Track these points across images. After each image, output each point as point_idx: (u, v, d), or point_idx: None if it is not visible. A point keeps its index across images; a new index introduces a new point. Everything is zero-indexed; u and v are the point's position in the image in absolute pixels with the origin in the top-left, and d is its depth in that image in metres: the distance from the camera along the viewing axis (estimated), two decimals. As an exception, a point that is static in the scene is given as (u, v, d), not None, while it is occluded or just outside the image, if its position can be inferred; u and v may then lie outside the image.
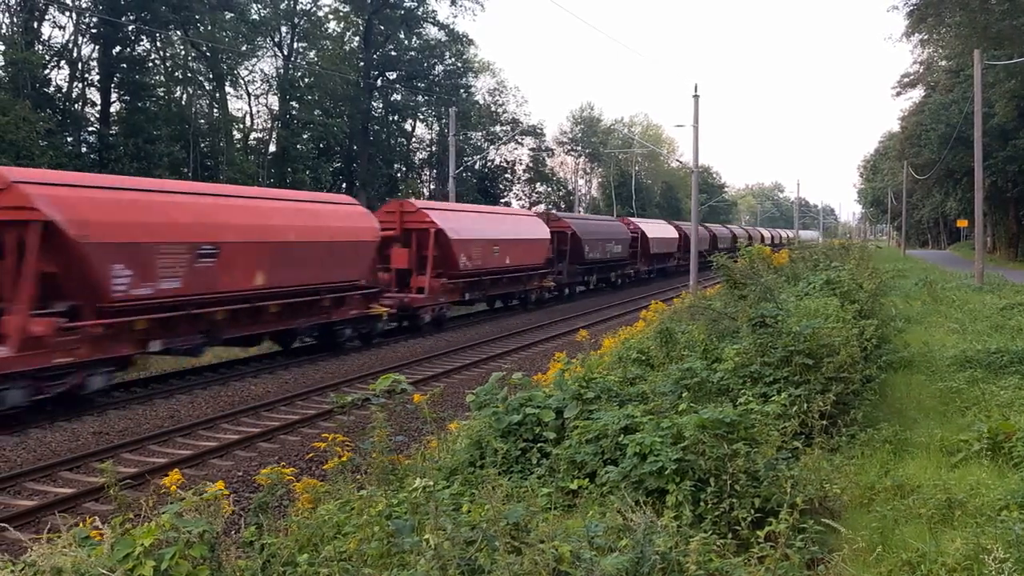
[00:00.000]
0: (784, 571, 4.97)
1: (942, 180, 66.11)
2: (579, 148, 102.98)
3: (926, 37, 54.78)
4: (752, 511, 5.91)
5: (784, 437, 7.56)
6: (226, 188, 22.75)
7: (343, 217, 23.03)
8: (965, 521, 6.48)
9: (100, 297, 15.24)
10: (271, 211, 20.25)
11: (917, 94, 70.92)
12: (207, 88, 53.85)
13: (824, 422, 8.60)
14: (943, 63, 59.55)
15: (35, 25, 43.21)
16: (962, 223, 63.03)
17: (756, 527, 5.63)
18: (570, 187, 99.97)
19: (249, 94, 59.59)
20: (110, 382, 16.08)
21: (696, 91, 37.00)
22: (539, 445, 7.74)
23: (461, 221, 29.13)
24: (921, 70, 67.79)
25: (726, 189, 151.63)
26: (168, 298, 16.54)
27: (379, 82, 65.69)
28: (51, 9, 44.06)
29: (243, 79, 58.09)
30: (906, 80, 72.29)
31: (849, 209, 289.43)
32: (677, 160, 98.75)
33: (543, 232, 35.56)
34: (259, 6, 56.26)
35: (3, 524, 8.73)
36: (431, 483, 5.40)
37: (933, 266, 42.92)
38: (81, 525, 4.88)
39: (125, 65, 46.29)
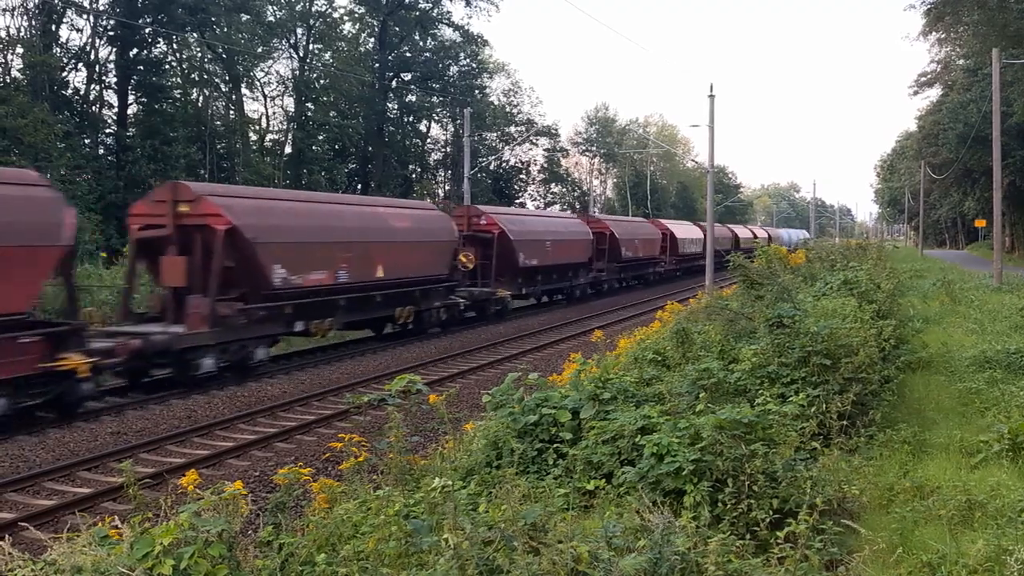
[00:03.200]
0: (804, 572, 4.94)
1: (960, 179, 65.69)
2: (594, 148, 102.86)
3: (943, 36, 54.52)
4: (770, 512, 5.88)
5: (802, 438, 7.53)
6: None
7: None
8: (985, 522, 6.43)
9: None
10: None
11: (934, 93, 70.60)
12: (223, 90, 54.16)
13: (842, 423, 8.56)
14: (961, 62, 59.17)
15: (53, 28, 43.54)
16: (980, 223, 62.68)
17: (774, 528, 5.60)
18: (585, 188, 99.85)
19: (265, 96, 59.93)
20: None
21: (712, 91, 36.88)
22: (555, 445, 7.72)
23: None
24: (938, 69, 67.43)
25: (742, 189, 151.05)
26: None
27: (394, 83, 65.83)
28: (69, 12, 44.40)
29: (259, 81, 58.43)
30: (923, 79, 71.97)
31: (866, 209, 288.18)
32: (692, 160, 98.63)
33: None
34: (275, 8, 56.53)
35: (23, 523, 8.82)
36: (450, 483, 5.39)
37: (951, 266, 42.61)
38: (100, 524, 4.91)
39: (142, 67, 46.56)
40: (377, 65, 63.24)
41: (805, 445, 7.44)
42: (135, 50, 46.06)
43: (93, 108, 46.70)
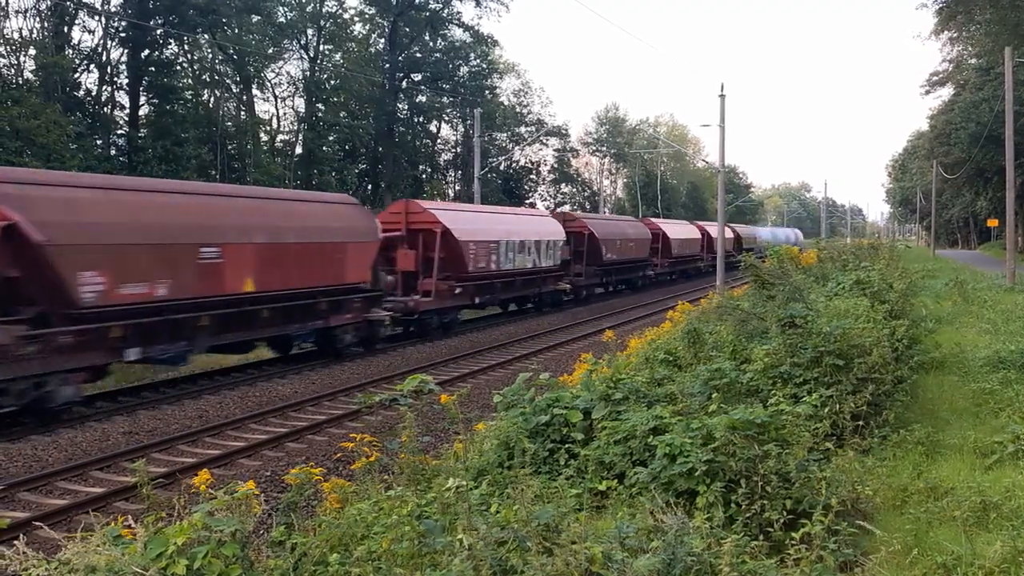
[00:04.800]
0: (819, 573, 4.91)
1: (972, 179, 65.39)
2: (604, 148, 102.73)
3: (955, 35, 54.28)
4: (784, 513, 5.85)
5: (815, 438, 7.49)
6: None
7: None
8: (1000, 524, 6.39)
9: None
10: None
11: (946, 92, 70.22)
12: (234, 91, 54.29)
13: (856, 423, 8.51)
14: (973, 61, 58.88)
15: (65, 29, 43.71)
16: (993, 222, 62.37)
17: (788, 529, 5.57)
18: (595, 188, 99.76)
19: (276, 96, 60.02)
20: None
21: (722, 91, 36.84)
22: (567, 446, 7.71)
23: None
24: (950, 68, 67.06)
25: (752, 189, 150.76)
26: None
27: (404, 84, 65.87)
28: (81, 14, 44.58)
29: (270, 82, 58.53)
30: (935, 78, 71.61)
31: (877, 209, 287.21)
32: (703, 160, 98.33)
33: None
34: (285, 9, 56.64)
35: (37, 523, 8.85)
36: (463, 483, 5.39)
37: (963, 266, 42.42)
38: (113, 524, 4.91)
39: (153, 68, 46.70)
40: (387, 65, 63.30)
41: (818, 446, 7.40)
42: (146, 51, 46.20)
43: (105, 109, 46.87)
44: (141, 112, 47.58)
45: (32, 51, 41.61)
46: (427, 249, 25.98)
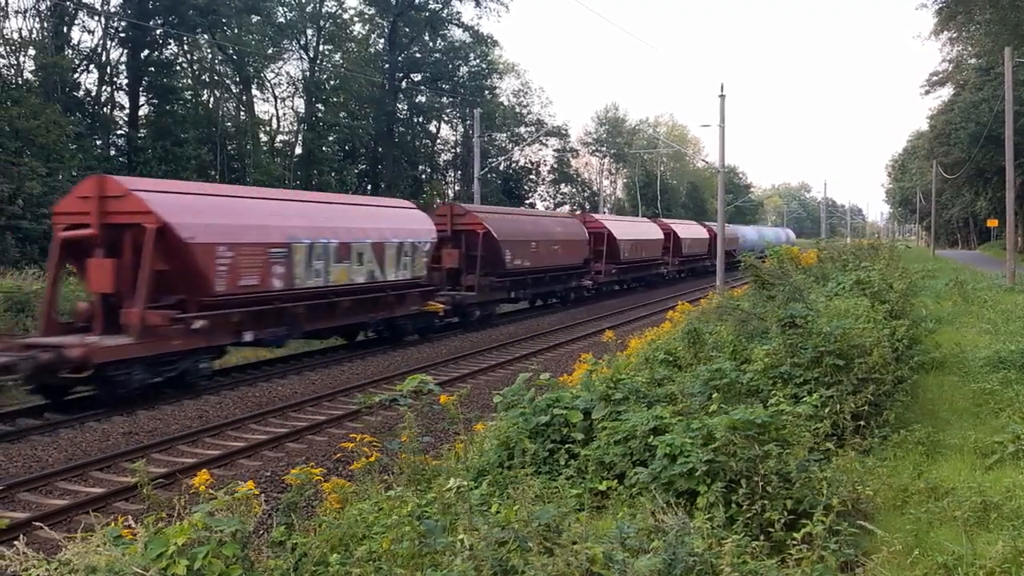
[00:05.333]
0: (820, 574, 4.91)
1: (972, 179, 65.42)
2: (604, 149, 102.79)
3: (955, 35, 54.31)
4: (784, 513, 5.84)
5: (816, 438, 7.49)
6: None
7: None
8: (1001, 524, 6.38)
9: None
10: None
11: (946, 92, 70.24)
12: (234, 91, 54.31)
13: (856, 423, 8.51)
14: (973, 61, 58.90)
15: (65, 30, 43.74)
16: (992, 223, 62.38)
17: (789, 529, 5.57)
18: (595, 188, 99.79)
19: (275, 97, 60.07)
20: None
21: (722, 91, 36.84)
22: (567, 446, 7.70)
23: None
24: (950, 68, 67.08)
25: (752, 189, 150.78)
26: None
27: (404, 84, 65.90)
28: (80, 14, 44.60)
29: (269, 82, 58.57)
30: (935, 78, 71.62)
31: (877, 209, 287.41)
32: (703, 160, 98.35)
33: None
34: (285, 9, 56.66)
35: (37, 523, 8.85)
36: (464, 483, 5.38)
37: (963, 266, 42.41)
38: (113, 524, 4.91)
39: (153, 69, 46.73)
40: (387, 66, 63.33)
41: (819, 446, 7.40)
42: (146, 51, 46.24)
43: (104, 109, 46.90)
44: (141, 112, 47.63)
45: (32, 51, 41.65)
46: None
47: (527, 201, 79.41)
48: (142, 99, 47.56)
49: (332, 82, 59.30)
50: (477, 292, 28.45)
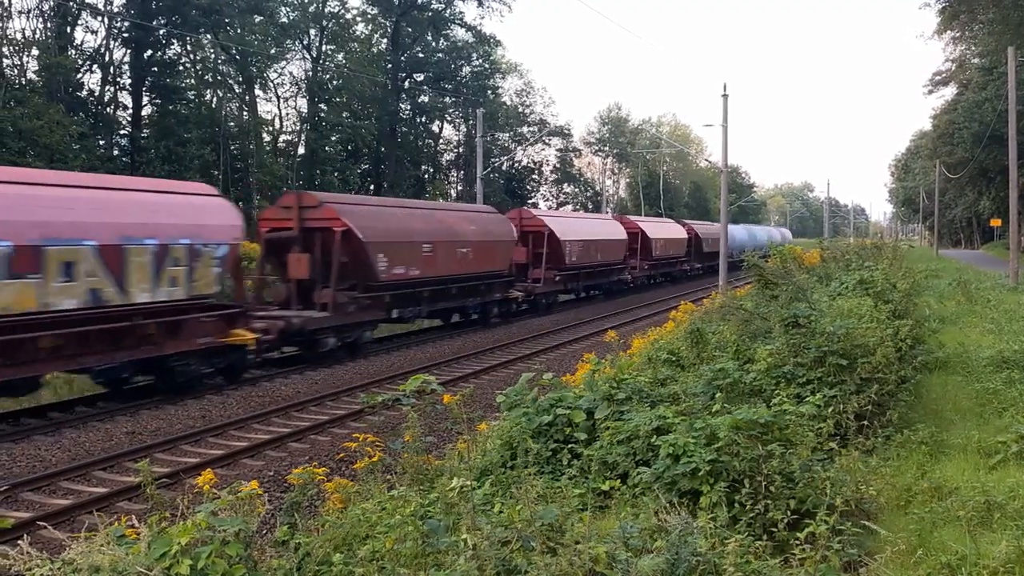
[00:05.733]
0: (823, 573, 4.90)
1: (975, 179, 65.29)
2: (607, 148, 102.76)
3: (958, 34, 54.22)
4: (788, 513, 5.84)
5: (819, 438, 7.48)
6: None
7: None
8: (1005, 523, 6.36)
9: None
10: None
11: (949, 92, 70.17)
12: (237, 91, 54.31)
13: (859, 423, 8.49)
14: (976, 60, 58.77)
15: (68, 30, 43.75)
16: (996, 222, 62.29)
17: (792, 529, 5.56)
18: (598, 188, 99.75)
19: (278, 97, 60.06)
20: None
21: (725, 91, 36.79)
22: (570, 446, 7.70)
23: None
24: (953, 68, 67.01)
25: (755, 189, 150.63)
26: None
27: (407, 84, 65.89)
28: (83, 14, 44.60)
29: (272, 82, 58.54)
30: (938, 78, 71.59)
31: (880, 209, 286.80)
32: (706, 160, 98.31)
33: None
34: (288, 9, 56.65)
35: (41, 522, 8.85)
36: (468, 483, 5.38)
37: (967, 266, 42.35)
38: (116, 524, 4.91)
39: (156, 69, 46.75)
40: (390, 66, 63.33)
41: (822, 446, 7.39)
42: (149, 51, 46.26)
43: (108, 109, 46.90)
44: (144, 112, 47.64)
45: (35, 51, 41.66)
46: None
47: (530, 200, 79.34)
48: (145, 99, 47.58)
49: (335, 82, 59.29)
50: (333, 312, 21.33)
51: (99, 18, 45.31)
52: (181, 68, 49.47)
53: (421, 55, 66.22)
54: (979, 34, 48.57)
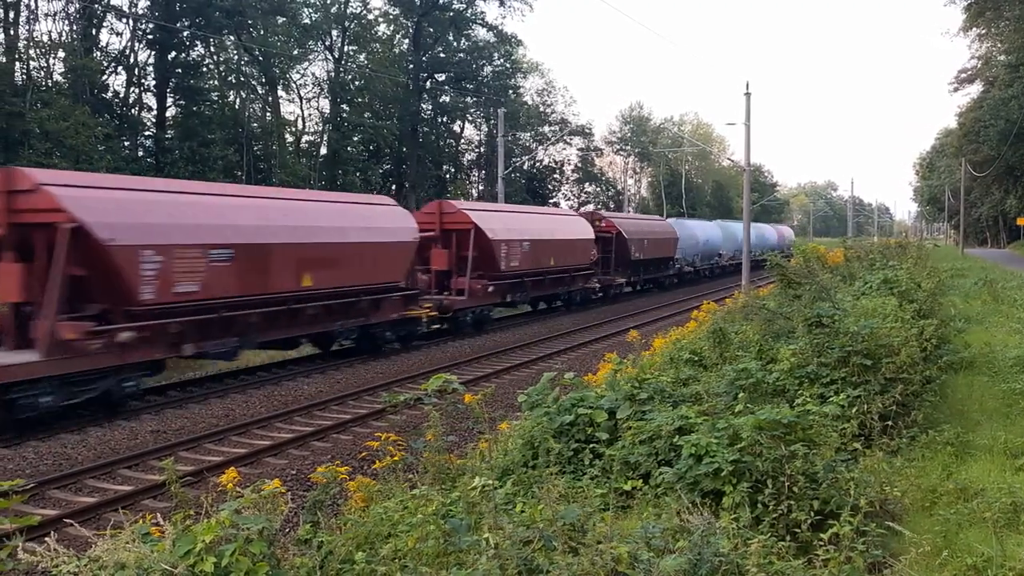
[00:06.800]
0: (847, 575, 4.87)
1: (1001, 177, 64.67)
2: (628, 148, 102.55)
3: (984, 31, 53.75)
4: (811, 513, 5.80)
5: (843, 439, 7.43)
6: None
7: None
8: (1031, 526, 6.30)
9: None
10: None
11: (975, 89, 69.54)
12: (260, 92, 54.65)
13: (884, 423, 8.43)
14: (1002, 58, 58.20)
15: (93, 32, 44.20)
16: (1022, 221, 61.60)
17: (815, 530, 5.53)
18: (619, 187, 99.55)
19: (301, 97, 60.43)
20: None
21: (747, 89, 36.61)
22: (591, 446, 7.68)
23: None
24: (979, 65, 66.40)
25: (778, 188, 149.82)
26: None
27: (428, 84, 66.05)
28: (109, 16, 45.05)
29: (295, 83, 58.92)
30: (964, 75, 70.97)
31: (904, 208, 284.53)
32: (728, 159, 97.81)
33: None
34: (310, 10, 56.95)
35: (67, 520, 8.95)
36: (490, 482, 5.39)
37: (993, 265, 41.90)
38: (141, 521, 4.95)
39: (180, 70, 47.13)
40: (411, 66, 63.50)
41: (846, 446, 7.34)
42: (173, 53, 46.64)
43: (132, 111, 47.35)
44: (168, 113, 48.06)
45: (61, 54, 42.12)
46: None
47: (551, 200, 79.27)
48: (169, 100, 48.00)
49: (357, 82, 59.55)
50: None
51: (124, 20, 45.79)
52: (205, 69, 49.86)
53: (442, 55, 66.36)
54: (1005, 31, 48.11)
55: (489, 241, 27.06)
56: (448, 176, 71.89)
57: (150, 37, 45.95)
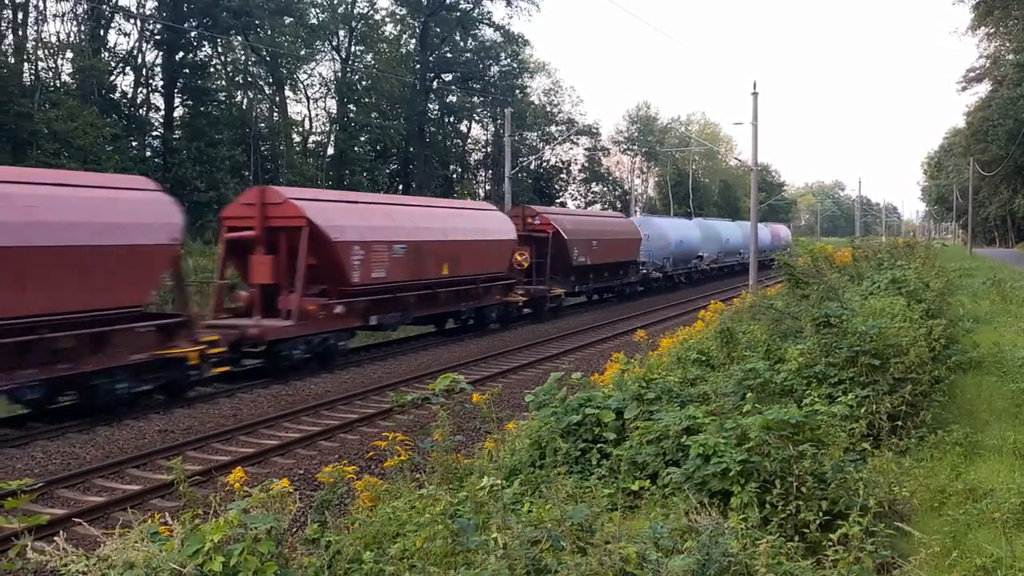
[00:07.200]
0: (856, 575, 4.85)
1: (1010, 176, 64.49)
2: (635, 147, 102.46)
3: (993, 30, 53.59)
4: (820, 514, 5.79)
5: (851, 439, 7.40)
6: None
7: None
8: (1041, 526, 6.28)
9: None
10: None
11: (983, 89, 69.39)
12: (267, 92, 54.80)
13: (892, 424, 8.40)
14: (1010, 57, 58.02)
15: (101, 33, 44.35)
16: (1031, 220, 61.39)
17: (824, 530, 5.52)
18: (626, 187, 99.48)
19: (308, 98, 60.57)
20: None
21: (755, 88, 36.52)
22: (599, 445, 7.67)
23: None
24: (988, 64, 66.19)
25: (785, 188, 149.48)
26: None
27: (435, 84, 66.11)
28: (117, 17, 45.19)
29: (302, 83, 59.06)
30: (972, 75, 70.79)
31: (912, 207, 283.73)
32: (735, 158, 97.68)
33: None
34: (317, 11, 57.04)
35: (76, 519, 8.97)
36: (498, 482, 5.39)
37: (1001, 264, 41.72)
38: (150, 521, 4.96)
39: (188, 70, 47.25)
40: (418, 66, 63.57)
41: (854, 446, 7.32)
42: (181, 54, 46.78)
43: (140, 111, 47.51)
44: (176, 114, 48.21)
45: (69, 54, 42.28)
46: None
47: (558, 200, 79.24)
48: (177, 100, 48.16)
49: (364, 83, 59.65)
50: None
51: (132, 21, 45.99)
52: (212, 70, 49.99)
53: (449, 55, 66.41)
54: (1013, 30, 47.98)
55: (332, 243, 19.57)
56: (455, 176, 71.93)
57: (158, 38, 46.09)
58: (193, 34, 46.47)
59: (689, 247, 46.59)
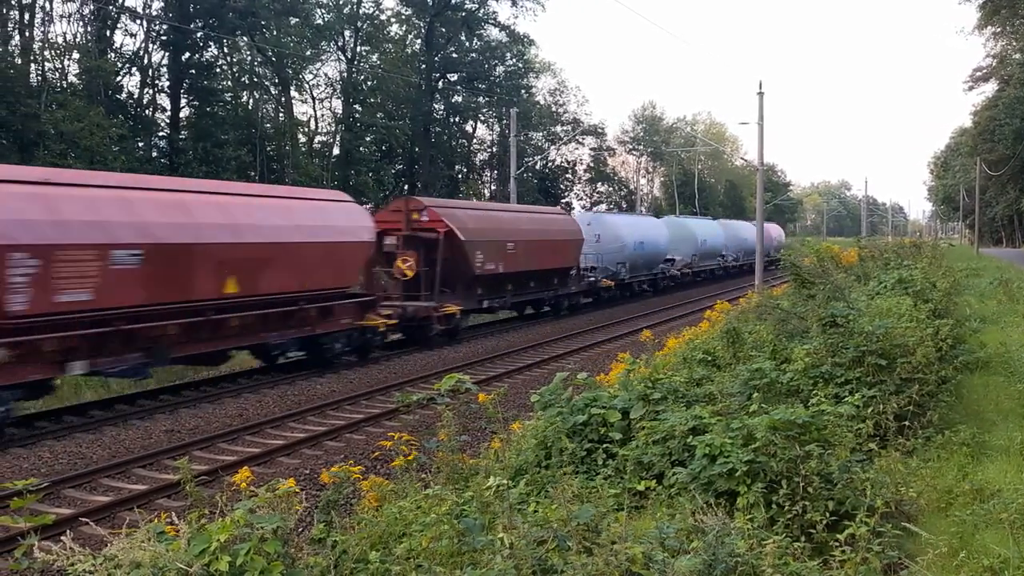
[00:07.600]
0: (863, 576, 4.84)
1: (1017, 176, 64.28)
2: (641, 147, 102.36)
3: (999, 30, 53.43)
4: (826, 514, 5.77)
5: (858, 439, 7.39)
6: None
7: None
8: (1049, 527, 6.25)
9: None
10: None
11: (990, 88, 69.21)
12: (273, 92, 54.82)
13: (899, 424, 8.38)
14: (1017, 56, 57.85)
15: (108, 33, 44.40)
16: (1038, 220, 61.22)
17: (831, 530, 5.50)
18: (632, 187, 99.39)
19: (314, 98, 60.56)
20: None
21: (760, 88, 36.50)
22: (605, 446, 7.67)
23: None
24: (994, 63, 66.03)
25: (791, 188, 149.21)
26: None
27: (440, 84, 66.10)
28: (123, 18, 45.26)
29: (308, 83, 59.06)
30: (979, 74, 70.63)
31: (919, 207, 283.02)
32: (741, 158, 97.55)
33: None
34: (323, 11, 57.08)
35: (83, 519, 8.99)
36: (505, 482, 5.38)
37: (1008, 264, 41.58)
38: (156, 520, 4.97)
39: (194, 71, 47.31)
40: (424, 66, 63.56)
41: (861, 446, 7.30)
42: (187, 54, 46.83)
43: (146, 112, 47.56)
44: (182, 114, 48.26)
45: (76, 55, 42.33)
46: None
47: (563, 200, 79.21)
48: (183, 101, 48.19)
49: (369, 83, 59.66)
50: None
51: (138, 22, 46.00)
52: (218, 70, 50.05)
53: (455, 55, 66.41)
54: (1020, 29, 47.82)
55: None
56: (460, 176, 71.94)
57: (164, 38, 46.15)
58: (199, 35, 46.51)
59: (653, 250, 40.02)
